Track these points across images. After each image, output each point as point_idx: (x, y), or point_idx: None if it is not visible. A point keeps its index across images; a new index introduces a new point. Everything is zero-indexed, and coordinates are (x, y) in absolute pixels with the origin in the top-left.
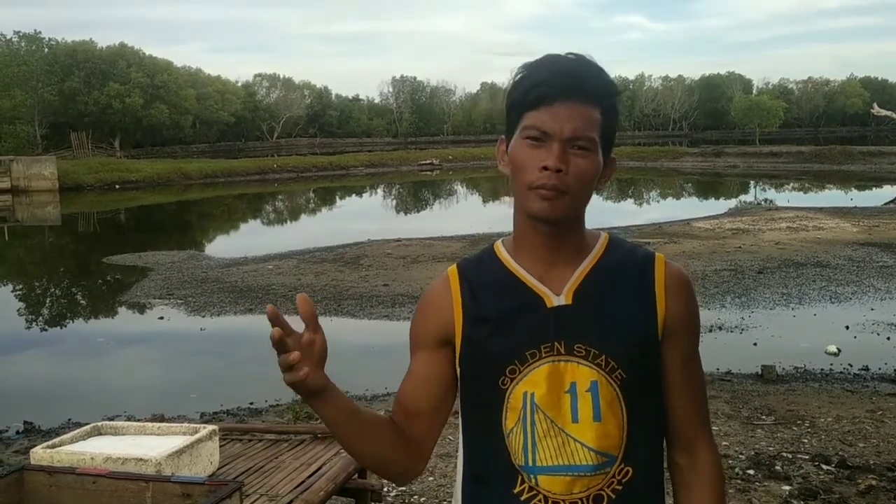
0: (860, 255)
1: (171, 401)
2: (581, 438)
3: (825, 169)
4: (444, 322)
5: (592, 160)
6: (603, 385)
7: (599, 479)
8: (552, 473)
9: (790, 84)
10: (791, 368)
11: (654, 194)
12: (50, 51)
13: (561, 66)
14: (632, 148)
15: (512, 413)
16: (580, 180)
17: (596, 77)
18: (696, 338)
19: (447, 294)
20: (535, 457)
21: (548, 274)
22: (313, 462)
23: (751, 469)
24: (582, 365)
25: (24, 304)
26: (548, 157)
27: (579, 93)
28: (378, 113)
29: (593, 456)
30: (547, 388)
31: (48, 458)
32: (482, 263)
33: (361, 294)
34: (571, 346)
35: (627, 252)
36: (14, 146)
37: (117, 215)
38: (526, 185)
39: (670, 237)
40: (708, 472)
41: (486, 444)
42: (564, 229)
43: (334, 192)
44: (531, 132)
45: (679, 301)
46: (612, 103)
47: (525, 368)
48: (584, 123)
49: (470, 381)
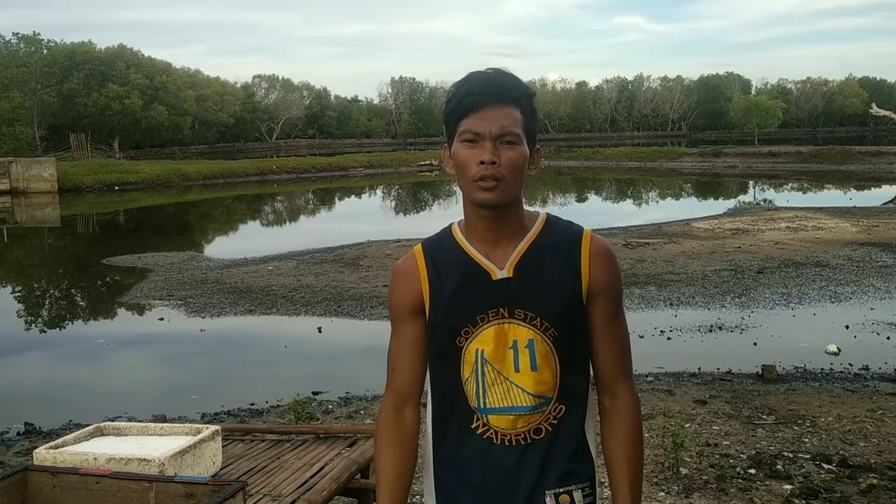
0: (859, 255)
1: (171, 402)
2: (522, 385)
3: (824, 169)
4: (415, 293)
5: (519, 151)
6: (538, 342)
7: (538, 416)
8: (500, 413)
9: (789, 84)
10: (791, 368)
11: (654, 195)
12: (49, 52)
13: (483, 78)
14: (631, 148)
15: (467, 365)
16: (511, 168)
17: (514, 83)
18: (617, 298)
19: (415, 270)
20: (485, 400)
21: (493, 251)
22: (316, 462)
23: (752, 468)
24: (521, 326)
25: (24, 306)
26: (483, 153)
27: (501, 97)
28: (377, 114)
29: (531, 399)
30: (494, 345)
31: (51, 458)
32: (441, 243)
33: (361, 295)
34: (513, 311)
35: (562, 229)
36: (13, 148)
37: (116, 217)
38: (470, 179)
39: (670, 237)
40: (626, 409)
41: (448, 390)
42: (504, 212)
43: (333, 193)
44: (467, 135)
45: (600, 268)
46: (529, 103)
47: (476, 330)
48: (508, 121)
49: (436, 340)
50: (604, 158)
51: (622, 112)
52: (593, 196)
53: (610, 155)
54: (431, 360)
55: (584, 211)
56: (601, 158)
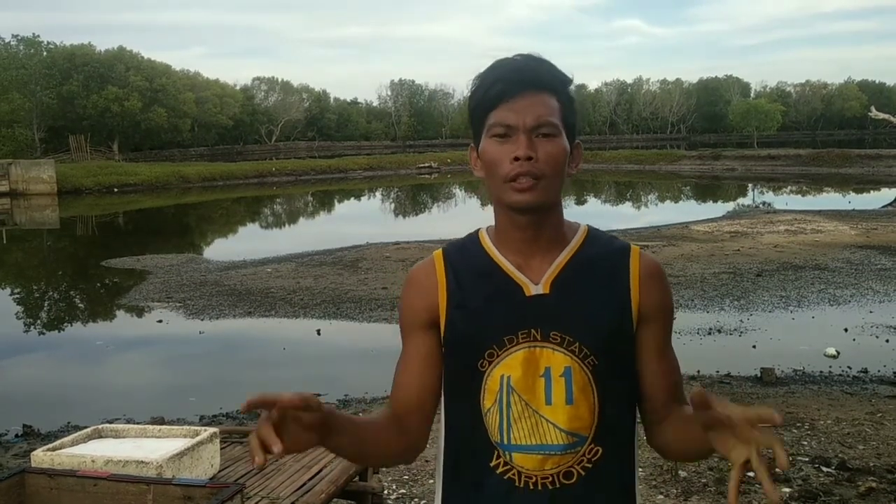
0: (858, 258)
1: (169, 404)
2: (553, 420)
3: (823, 172)
4: (429, 304)
5: (559, 143)
6: (576, 370)
7: (570, 457)
8: (526, 451)
9: (788, 87)
10: (790, 371)
11: (653, 197)
12: (48, 54)
13: (512, 65)
14: (630, 151)
15: (489, 394)
16: (551, 164)
17: (547, 68)
18: (669, 324)
19: (432, 277)
20: (510, 435)
21: (527, 263)
22: (314, 465)
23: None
24: (557, 351)
25: (23, 308)
26: (517, 148)
27: (534, 83)
28: (376, 116)
29: (564, 436)
30: (522, 371)
31: (49, 460)
32: (466, 249)
33: (360, 297)
34: (547, 333)
35: (605, 244)
36: (12, 150)
37: (116, 219)
38: (501, 179)
39: (669, 240)
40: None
41: (465, 420)
42: (543, 218)
43: (333, 196)
44: (497, 129)
45: (653, 290)
46: (566, 91)
47: (503, 353)
48: (544, 110)
49: (452, 361)
50: (603, 161)
51: (621, 115)
52: (592, 199)
53: (609, 158)
54: (446, 387)
55: (583, 214)
56: (600, 161)
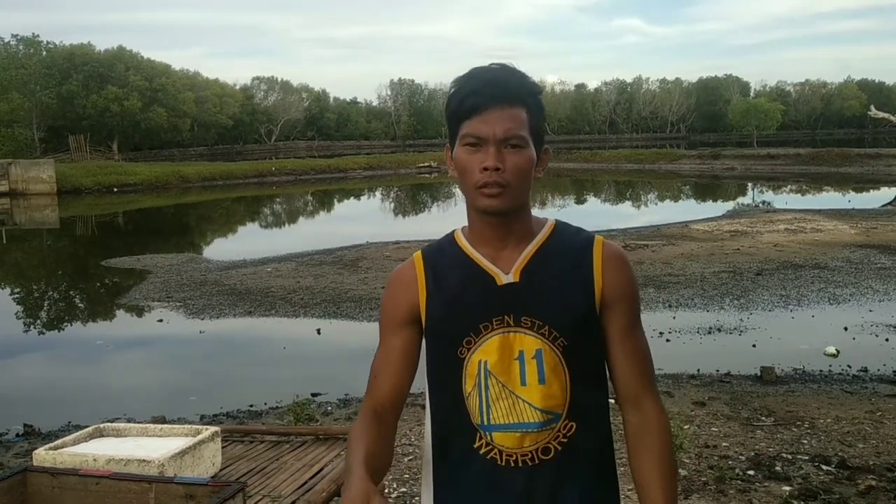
0: (858, 257)
1: (170, 403)
2: (529, 399)
3: (822, 171)
4: (410, 301)
5: (525, 155)
6: (546, 352)
7: (546, 434)
8: (505, 430)
9: (787, 86)
10: (790, 370)
11: (652, 197)
12: (48, 54)
13: (487, 76)
14: (630, 150)
15: (469, 379)
16: (517, 174)
17: (519, 81)
18: (634, 306)
19: (413, 277)
20: (489, 416)
21: (499, 255)
22: (315, 463)
23: (751, 470)
24: (528, 335)
25: (23, 308)
26: (486, 159)
27: (506, 97)
28: (376, 116)
29: (540, 414)
30: (498, 356)
31: (51, 459)
32: (443, 249)
33: (360, 296)
34: (519, 319)
35: (571, 235)
36: (12, 149)
37: (115, 218)
38: (472, 185)
39: (669, 239)
40: (655, 423)
41: (448, 405)
42: (511, 218)
43: (332, 195)
44: (469, 139)
45: (615, 275)
46: (536, 102)
47: (479, 339)
48: (513, 124)
49: (434, 351)
50: (603, 160)
51: (621, 114)
52: (592, 198)
53: (609, 157)
54: (430, 375)
55: (583, 213)
56: (600, 160)
